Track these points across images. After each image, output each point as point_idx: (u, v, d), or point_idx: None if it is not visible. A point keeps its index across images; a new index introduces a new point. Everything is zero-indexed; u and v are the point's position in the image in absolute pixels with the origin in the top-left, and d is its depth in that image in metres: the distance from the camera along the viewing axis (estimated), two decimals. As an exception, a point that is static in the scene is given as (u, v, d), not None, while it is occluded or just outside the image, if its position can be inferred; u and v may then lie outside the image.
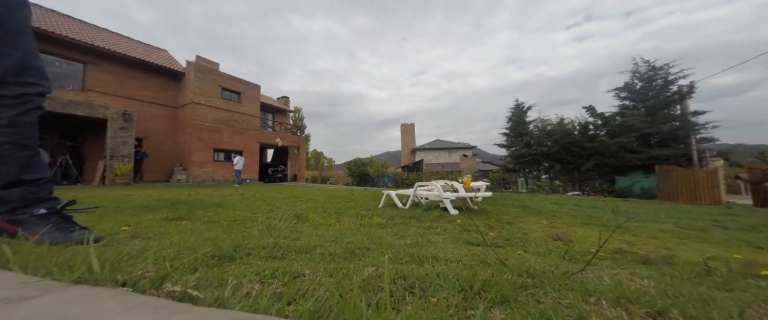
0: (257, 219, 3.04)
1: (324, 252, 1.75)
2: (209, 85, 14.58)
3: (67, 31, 11.58)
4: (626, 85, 15.88)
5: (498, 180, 19.43)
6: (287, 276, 1.22)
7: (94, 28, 14.42)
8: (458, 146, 40.40)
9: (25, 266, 1.11)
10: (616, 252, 2.24)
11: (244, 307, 0.88)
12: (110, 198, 4.79)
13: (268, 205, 4.54)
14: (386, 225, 3.12)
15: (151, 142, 13.42)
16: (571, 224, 3.82)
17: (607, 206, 6.40)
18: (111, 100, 11.74)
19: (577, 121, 17.39)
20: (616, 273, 1.53)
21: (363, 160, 25.56)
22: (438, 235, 2.59)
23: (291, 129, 21.57)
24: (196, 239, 1.88)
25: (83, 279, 0.99)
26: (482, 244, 2.23)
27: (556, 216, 4.47)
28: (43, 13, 12.43)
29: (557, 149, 16.77)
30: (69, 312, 0.73)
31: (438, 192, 4.25)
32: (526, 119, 19.96)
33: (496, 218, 3.84)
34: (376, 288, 1.13)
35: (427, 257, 1.71)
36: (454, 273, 1.33)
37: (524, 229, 3.14)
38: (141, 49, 15.06)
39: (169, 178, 13.55)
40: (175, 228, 2.47)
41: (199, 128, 13.88)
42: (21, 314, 0.72)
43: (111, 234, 2.06)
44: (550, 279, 1.30)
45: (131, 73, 12.96)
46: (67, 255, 1.24)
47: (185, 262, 1.28)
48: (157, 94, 13.93)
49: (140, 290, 0.94)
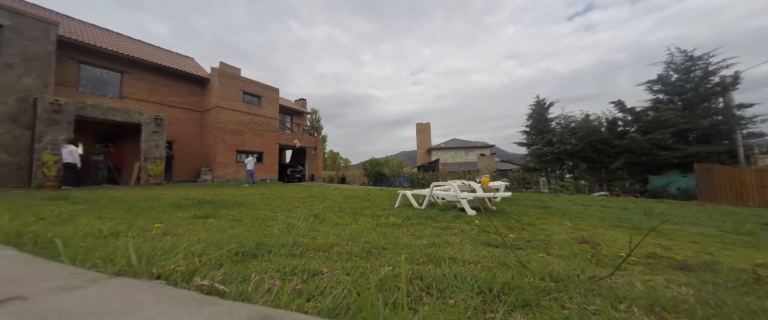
0: (277, 218, 3.14)
1: (341, 251, 1.78)
2: (232, 89, 15.29)
3: (107, 43, 12.61)
4: (660, 77, 14.75)
5: (518, 179, 18.73)
6: (306, 274, 1.25)
7: (129, 40, 15.57)
8: (475, 145, 39.45)
9: (74, 258, 1.23)
10: (649, 257, 2.09)
11: (267, 302, 0.92)
12: (144, 197, 5.15)
13: (287, 205, 4.68)
14: (402, 225, 3.11)
15: (180, 145, 14.29)
16: (598, 226, 3.61)
17: (638, 207, 5.99)
18: (144, 106, 12.65)
19: (604, 117, 16.38)
20: (649, 279, 1.43)
21: (378, 160, 25.67)
22: (455, 236, 2.55)
23: (308, 130, 22.11)
24: (221, 236, 1.98)
25: (123, 271, 1.08)
26: (502, 246, 2.16)
27: (581, 218, 4.25)
28: (86, 28, 13.61)
29: (582, 147, 15.90)
30: (112, 302, 0.80)
31: (455, 192, 4.18)
32: (547, 116, 19.09)
33: (516, 219, 3.71)
34: (393, 288, 1.13)
35: (444, 258, 1.69)
36: (472, 274, 1.31)
37: (547, 231, 3.02)
38: (170, 58, 16.08)
39: (196, 179, 14.36)
40: (202, 225, 2.62)
41: (222, 131, 14.59)
42: (70, 302, 0.80)
43: (146, 231, 2.22)
44: (576, 283, 1.25)
45: (162, 81, 13.89)
46: (109, 249, 1.35)
47: (212, 258, 1.35)
48: (185, 99, 14.81)
49: (173, 283, 1.01)
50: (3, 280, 0.96)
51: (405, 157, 44.09)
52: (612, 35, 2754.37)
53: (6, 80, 8.64)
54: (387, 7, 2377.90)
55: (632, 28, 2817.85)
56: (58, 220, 2.56)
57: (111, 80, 12.32)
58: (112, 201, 4.47)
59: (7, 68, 8.67)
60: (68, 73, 10.87)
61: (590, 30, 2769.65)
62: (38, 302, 0.78)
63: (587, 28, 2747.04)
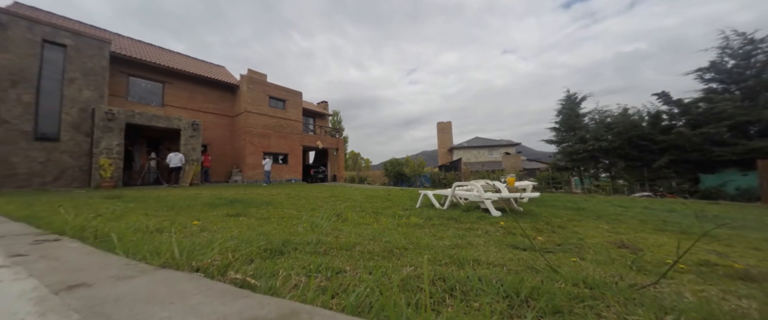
0: (302, 217, 3.26)
1: (363, 250, 1.81)
2: (259, 95, 16.12)
3: (151, 56, 13.90)
4: (713, 64, 13.13)
5: (546, 179, 17.69)
6: (330, 272, 1.29)
7: (168, 52, 17.02)
8: (499, 143, 37.92)
9: (127, 251, 1.37)
10: (701, 265, 1.89)
11: (294, 297, 0.96)
12: (183, 197, 5.59)
13: (311, 204, 4.83)
14: (424, 225, 3.08)
15: (213, 148, 15.33)
16: (639, 230, 3.32)
17: (688, 209, 5.40)
18: (182, 113, 13.76)
19: (645, 111, 14.92)
20: (701, 289, 1.30)
21: (399, 160, 25.63)
22: (479, 237, 2.48)
23: (330, 131, 22.67)
24: (251, 233, 2.09)
25: (168, 263, 1.18)
26: (529, 249, 2.07)
27: (619, 221, 3.92)
28: (132, 43, 15.10)
29: (620, 143, 14.63)
30: (159, 291, 0.88)
31: (478, 192, 4.06)
32: (579, 111, 17.83)
33: (545, 221, 3.52)
34: (415, 288, 1.13)
35: (468, 260, 1.65)
36: (497, 277, 1.27)
37: (580, 234, 2.83)
38: (204, 67, 17.33)
39: (227, 179, 15.32)
40: (233, 223, 2.79)
41: (251, 134, 15.44)
42: (126, 290, 0.89)
43: (185, 227, 2.42)
44: (614, 291, 1.16)
45: (198, 89, 15.02)
46: (155, 244, 1.49)
47: (244, 254, 1.44)
48: (218, 105, 15.88)
49: (210, 276, 1.09)
50: (72, 269, 1.10)
51: (426, 157, 43.55)
52: (617, 22, 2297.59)
53: (69, 93, 9.83)
54: (384, 13, 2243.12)
55: (642, 13, 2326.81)
56: (112, 217, 2.87)
57: (154, 90, 13.52)
58: (156, 200, 4.91)
59: (70, 83, 9.85)
60: (119, 84, 12.11)
61: (593, 16, 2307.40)
62: (99, 289, 0.89)
63: (590, 15, 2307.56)
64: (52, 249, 1.41)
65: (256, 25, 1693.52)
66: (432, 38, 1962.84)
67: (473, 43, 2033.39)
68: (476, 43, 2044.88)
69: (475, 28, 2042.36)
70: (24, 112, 8.90)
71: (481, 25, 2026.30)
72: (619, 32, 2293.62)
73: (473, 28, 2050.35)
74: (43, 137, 9.23)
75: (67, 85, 9.78)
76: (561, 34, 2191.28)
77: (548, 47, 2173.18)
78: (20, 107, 8.85)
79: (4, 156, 8.50)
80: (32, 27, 9.21)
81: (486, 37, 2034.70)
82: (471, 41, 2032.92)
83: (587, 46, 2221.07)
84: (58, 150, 9.48)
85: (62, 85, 9.70)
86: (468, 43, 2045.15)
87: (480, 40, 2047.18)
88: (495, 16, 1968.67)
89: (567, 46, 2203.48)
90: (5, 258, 1.24)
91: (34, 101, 9.11)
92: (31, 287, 0.90)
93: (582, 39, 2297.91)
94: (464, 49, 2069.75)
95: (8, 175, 8.52)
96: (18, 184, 8.61)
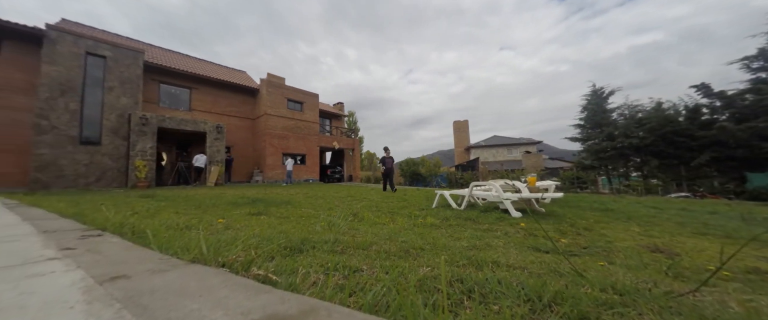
0: (319, 216, 3.33)
1: (379, 249, 1.82)
2: (277, 98, 16.68)
3: (179, 64, 14.81)
4: (762, 51, 11.89)
5: (571, 179, 16.82)
6: (347, 270, 1.31)
7: (194, 59, 18.03)
8: (519, 142, 36.58)
9: (160, 246, 1.47)
10: (749, 273, 1.72)
11: (313, 294, 0.99)
12: (209, 196, 5.90)
13: (328, 204, 4.92)
14: (440, 225, 3.05)
15: (236, 149, 16.07)
16: (676, 233, 3.08)
17: (733, 211, 4.93)
18: (207, 116, 14.54)
19: (682, 104, 13.77)
20: (750, 298, 1.18)
21: (414, 159, 25.45)
22: (498, 239, 2.41)
23: (346, 132, 22.98)
24: (272, 232, 2.17)
25: (197, 259, 1.26)
26: (552, 251, 1.98)
27: (653, 223, 3.66)
28: (163, 52, 16.14)
29: (653, 140, 13.61)
30: (189, 284, 0.94)
31: (497, 192, 3.95)
32: (606, 106, 16.80)
33: (569, 222, 3.36)
34: (432, 289, 1.12)
35: (487, 261, 1.61)
36: (518, 280, 1.23)
37: (608, 237, 2.67)
38: (227, 73, 18.19)
39: (249, 179, 15.98)
40: (255, 221, 2.90)
41: (270, 135, 16.01)
42: (160, 282, 0.96)
43: (211, 225, 2.55)
44: (647, 298, 1.09)
45: (221, 93, 15.80)
46: (185, 240, 1.59)
47: (265, 251, 1.50)
48: (240, 108, 16.61)
49: (234, 271, 1.15)
50: (113, 262, 1.20)
51: (442, 156, 42.94)
52: (621, 12, 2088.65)
53: (109, 101, 10.67)
54: (383, 19, 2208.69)
55: (647, 2, 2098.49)
56: (147, 214, 3.08)
57: (182, 95, 14.36)
58: (185, 199, 5.21)
59: (109, 91, 10.70)
60: (151, 91, 12.98)
61: (592, 8, 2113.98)
62: (137, 280, 0.96)
63: (589, 6, 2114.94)
64: (96, 244, 1.54)
65: (262, 35, 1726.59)
66: (432, 39, 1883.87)
67: (473, 42, 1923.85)
68: (476, 42, 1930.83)
69: (474, 28, 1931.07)
70: (71, 119, 9.78)
71: (480, 24, 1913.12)
72: (625, 22, 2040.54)
73: (472, 28, 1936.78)
74: (86, 141, 10.10)
75: (106, 93, 10.63)
76: (561, 28, 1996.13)
77: (548, 41, 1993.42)
78: (67, 114, 9.73)
79: (54, 159, 9.39)
80: (77, 41, 10.10)
81: (485, 36, 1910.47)
82: (470, 40, 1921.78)
83: (594, 40, 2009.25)
84: (100, 153, 10.33)
85: (103, 93, 10.55)
86: (467, 42, 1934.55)
87: (479, 39, 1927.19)
88: (494, 15, 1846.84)
89: (570, 39, 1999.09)
90: (57, 251, 1.38)
91: (79, 109, 9.98)
92: (79, 277, 1.00)
93: (585, 31, 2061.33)
94: (464, 49, 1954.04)
95: (58, 176, 9.40)
96: (66, 184, 9.47)
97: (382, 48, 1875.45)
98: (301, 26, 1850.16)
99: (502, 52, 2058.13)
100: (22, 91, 9.67)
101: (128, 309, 0.74)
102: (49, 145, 9.30)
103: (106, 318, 0.70)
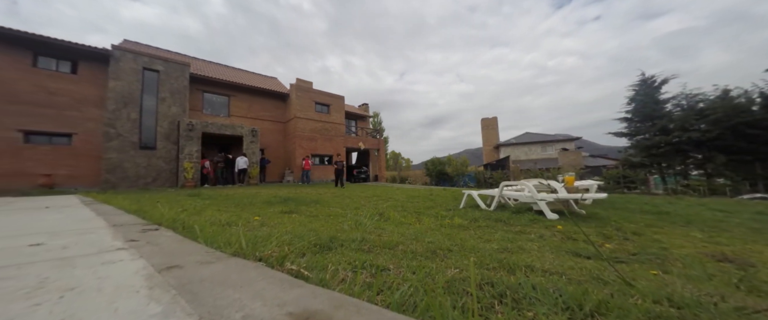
0: (346, 216, 3.42)
1: (406, 249, 1.82)
2: (306, 101, 17.44)
3: (219, 74, 16.17)
4: None
5: (616, 178, 15.27)
6: (374, 269, 1.33)
7: (231, 69, 19.53)
8: (555, 138, 34.01)
9: (207, 240, 1.62)
10: None
11: (342, 290, 1.02)
12: (246, 195, 6.34)
13: (355, 203, 5.03)
14: (468, 227, 2.96)
15: (269, 152, 17.10)
16: (749, 240, 2.66)
17: (830, 217, 4.12)
18: (244, 121, 15.68)
19: (756, 91, 11.78)
20: None
21: (441, 159, 24.93)
22: (532, 242, 2.28)
23: (371, 133, 23.26)
24: (302, 229, 2.28)
25: (237, 252, 1.36)
26: (595, 257, 1.83)
27: (719, 228, 3.20)
28: (205, 64, 17.74)
29: (718, 133, 11.84)
30: (231, 275, 1.03)
31: (530, 192, 3.73)
32: (658, 97, 14.98)
33: (614, 226, 3.06)
34: (461, 292, 1.10)
35: (519, 265, 1.54)
36: (555, 286, 1.16)
37: (662, 243, 2.39)
38: (260, 79, 19.45)
39: (281, 179, 16.91)
40: (287, 219, 3.06)
41: (300, 138, 16.80)
42: (207, 273, 1.06)
43: (249, 222, 2.75)
44: (712, 313, 0.96)
45: (256, 99, 16.94)
46: (226, 235, 1.73)
47: (297, 247, 1.58)
48: (272, 113, 17.66)
49: (270, 265, 1.23)
50: (168, 253, 1.34)
51: (470, 155, 41.51)
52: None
53: (162, 110, 11.96)
54: (386, 29, 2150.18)
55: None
56: (194, 211, 3.41)
57: (222, 102, 15.61)
58: (226, 198, 5.66)
59: (162, 101, 11.99)
60: (196, 100, 14.29)
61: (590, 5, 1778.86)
62: (189, 270, 1.07)
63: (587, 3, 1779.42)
64: (154, 237, 1.75)
65: (275, 52, 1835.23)
66: (435, 44, 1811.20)
67: (475, 43, 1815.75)
68: (477, 43, 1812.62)
69: (476, 29, 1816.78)
70: (132, 127, 11.14)
71: (479, 25, 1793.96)
72: (628, 9, 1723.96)
73: (475, 29, 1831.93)
74: (144, 146, 11.43)
75: (160, 103, 11.92)
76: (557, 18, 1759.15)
77: (544, 34, 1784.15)
78: (129, 123, 11.09)
79: (120, 162, 10.76)
80: (136, 58, 11.47)
81: (489, 35, 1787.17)
82: (474, 41, 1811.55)
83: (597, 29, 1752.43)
84: (155, 156, 11.62)
85: (157, 103, 11.87)
86: (471, 43, 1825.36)
87: (485, 40, 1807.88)
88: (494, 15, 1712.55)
89: (571, 33, 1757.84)
90: (124, 243, 1.58)
91: (138, 118, 11.33)
92: (142, 266, 1.14)
93: (584, 21, 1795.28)
94: (467, 51, 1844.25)
95: (122, 178, 10.76)
96: (129, 184, 10.81)
97: (388, 55, 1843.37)
98: (309, 42, 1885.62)
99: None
100: (95, 104, 11.22)
101: (182, 296, 0.83)
102: (115, 150, 10.69)
103: (165, 303, 0.79)
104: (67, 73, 10.92)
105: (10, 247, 1.49)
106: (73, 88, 10.92)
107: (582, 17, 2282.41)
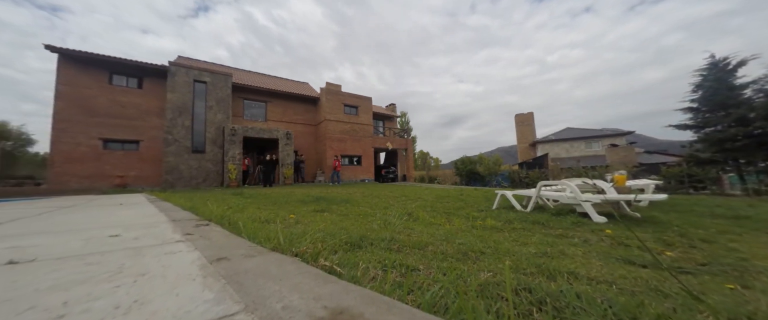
0: (376, 215, 3.46)
1: (436, 250, 1.79)
2: (335, 104, 18.05)
3: (257, 82, 17.49)
4: None
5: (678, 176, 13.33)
6: (404, 269, 1.34)
7: (267, 77, 20.94)
8: (602, 133, 30.70)
9: (249, 236, 1.76)
10: None
11: (373, 288, 1.04)
12: (282, 195, 6.75)
13: (383, 203, 5.07)
14: (502, 229, 2.82)
15: (301, 153, 18.01)
16: None
17: None
18: (279, 125, 16.75)
19: None
20: None
21: (471, 157, 24.01)
22: (575, 247, 2.10)
23: (399, 133, 23.26)
24: (334, 228, 2.36)
25: (276, 247, 1.46)
26: (652, 266, 1.63)
27: (823, 237, 2.63)
28: (244, 74, 19.28)
29: (820, 123, 9.75)
30: (270, 269, 1.11)
31: (573, 193, 3.43)
32: (733, 82, 12.76)
33: (678, 231, 2.69)
34: (495, 296, 1.06)
35: (561, 271, 1.43)
36: (604, 296, 1.06)
37: (739, 252, 2.05)
38: (292, 85, 20.60)
39: (313, 179, 17.71)
40: (320, 218, 3.20)
41: (330, 139, 17.44)
42: (250, 265, 1.15)
43: (285, 219, 2.92)
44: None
45: (289, 104, 18.00)
46: (266, 231, 1.86)
47: (329, 245, 1.65)
48: (304, 116, 18.60)
49: (305, 260, 1.30)
50: (217, 246, 1.49)
51: (503, 154, 39.40)
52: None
53: (209, 117, 13.24)
54: (392, 42, 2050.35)
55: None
56: (238, 209, 3.72)
57: (260, 108, 16.81)
58: (265, 197, 6.08)
59: (209, 109, 13.28)
60: (238, 107, 15.57)
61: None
62: (235, 262, 1.18)
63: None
64: (206, 231, 1.95)
65: (293, 69, 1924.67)
66: (439, 48, 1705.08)
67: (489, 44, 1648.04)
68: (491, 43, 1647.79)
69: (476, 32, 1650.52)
70: (185, 133, 12.50)
71: (480, 28, 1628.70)
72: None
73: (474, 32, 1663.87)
74: (196, 150, 12.76)
75: (207, 111, 13.22)
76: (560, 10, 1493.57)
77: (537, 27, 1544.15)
78: (183, 130, 12.47)
79: (176, 165, 12.15)
80: (188, 72, 12.85)
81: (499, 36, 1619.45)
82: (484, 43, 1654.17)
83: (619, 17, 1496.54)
84: (204, 159, 12.91)
85: (205, 111, 13.18)
86: (478, 45, 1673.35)
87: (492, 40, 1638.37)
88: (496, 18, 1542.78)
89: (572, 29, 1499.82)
90: (182, 236, 1.78)
91: (190, 125, 12.68)
92: (196, 257, 1.28)
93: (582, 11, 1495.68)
94: (468, 52, 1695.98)
95: (178, 178, 12.13)
96: (183, 184, 12.15)
97: (396, 64, 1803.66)
98: (320, 58, 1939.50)
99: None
100: (156, 114, 12.81)
101: (231, 285, 0.92)
102: (173, 154, 12.10)
103: (216, 290, 0.88)
104: (134, 88, 12.64)
105: (96, 237, 1.77)
106: (140, 101, 12.60)
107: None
